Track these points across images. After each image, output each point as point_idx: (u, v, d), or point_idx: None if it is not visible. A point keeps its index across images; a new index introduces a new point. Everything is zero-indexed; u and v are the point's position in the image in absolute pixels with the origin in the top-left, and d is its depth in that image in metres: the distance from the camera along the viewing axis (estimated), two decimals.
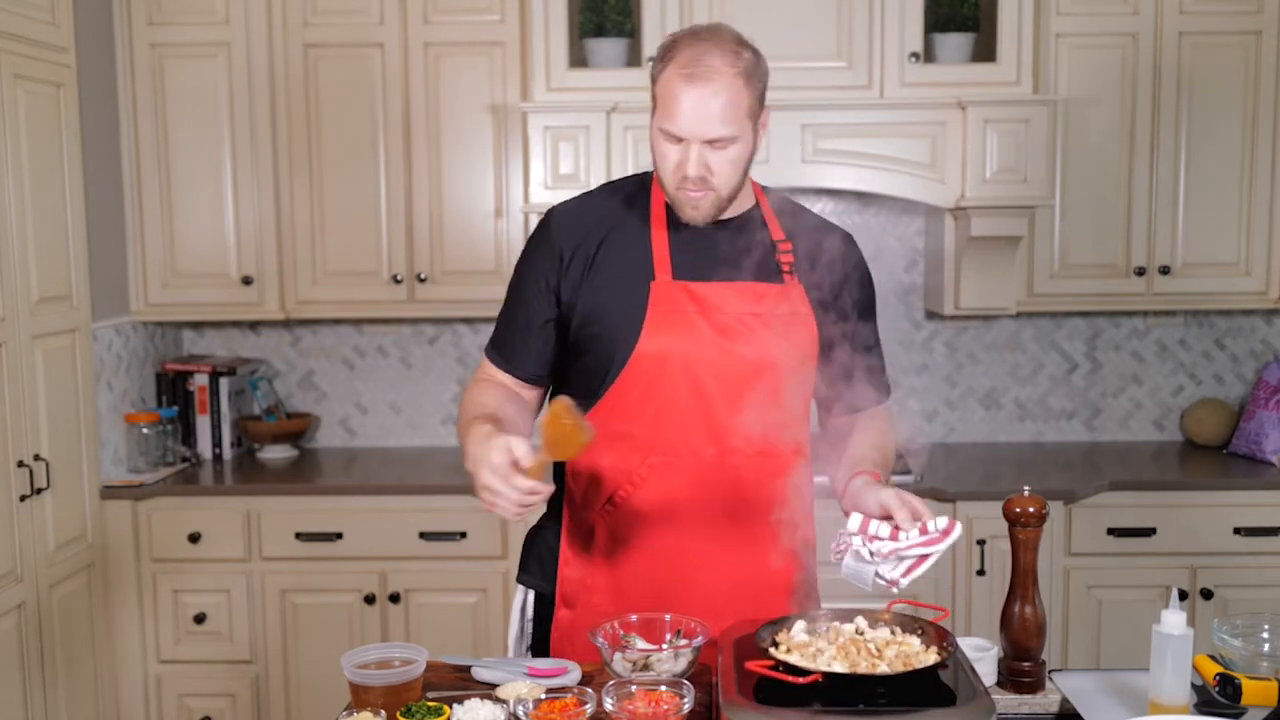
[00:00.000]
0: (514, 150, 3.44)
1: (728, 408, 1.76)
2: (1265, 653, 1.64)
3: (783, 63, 3.25)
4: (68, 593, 3.10)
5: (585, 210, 1.87)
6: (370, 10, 3.42)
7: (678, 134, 1.71)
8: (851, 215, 3.76)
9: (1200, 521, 3.25)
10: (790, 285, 1.82)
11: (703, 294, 1.78)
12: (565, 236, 1.83)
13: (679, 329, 1.76)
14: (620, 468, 1.79)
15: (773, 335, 1.78)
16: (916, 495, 1.66)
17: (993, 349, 3.80)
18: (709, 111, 1.69)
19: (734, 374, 1.76)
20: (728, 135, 1.72)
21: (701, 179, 1.73)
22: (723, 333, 1.77)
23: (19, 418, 2.90)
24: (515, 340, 1.87)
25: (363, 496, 3.32)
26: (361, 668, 1.59)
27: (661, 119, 1.73)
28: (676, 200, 1.77)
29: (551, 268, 1.82)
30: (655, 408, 1.76)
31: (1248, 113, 3.39)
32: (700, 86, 1.69)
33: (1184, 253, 3.45)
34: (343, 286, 3.52)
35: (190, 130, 3.46)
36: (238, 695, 3.37)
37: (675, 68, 1.71)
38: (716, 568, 1.82)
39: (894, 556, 1.59)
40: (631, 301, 1.77)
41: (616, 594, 1.84)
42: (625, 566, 1.83)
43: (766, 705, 1.40)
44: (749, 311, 1.78)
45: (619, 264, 1.80)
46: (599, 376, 1.79)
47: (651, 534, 1.81)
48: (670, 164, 1.74)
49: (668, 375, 1.76)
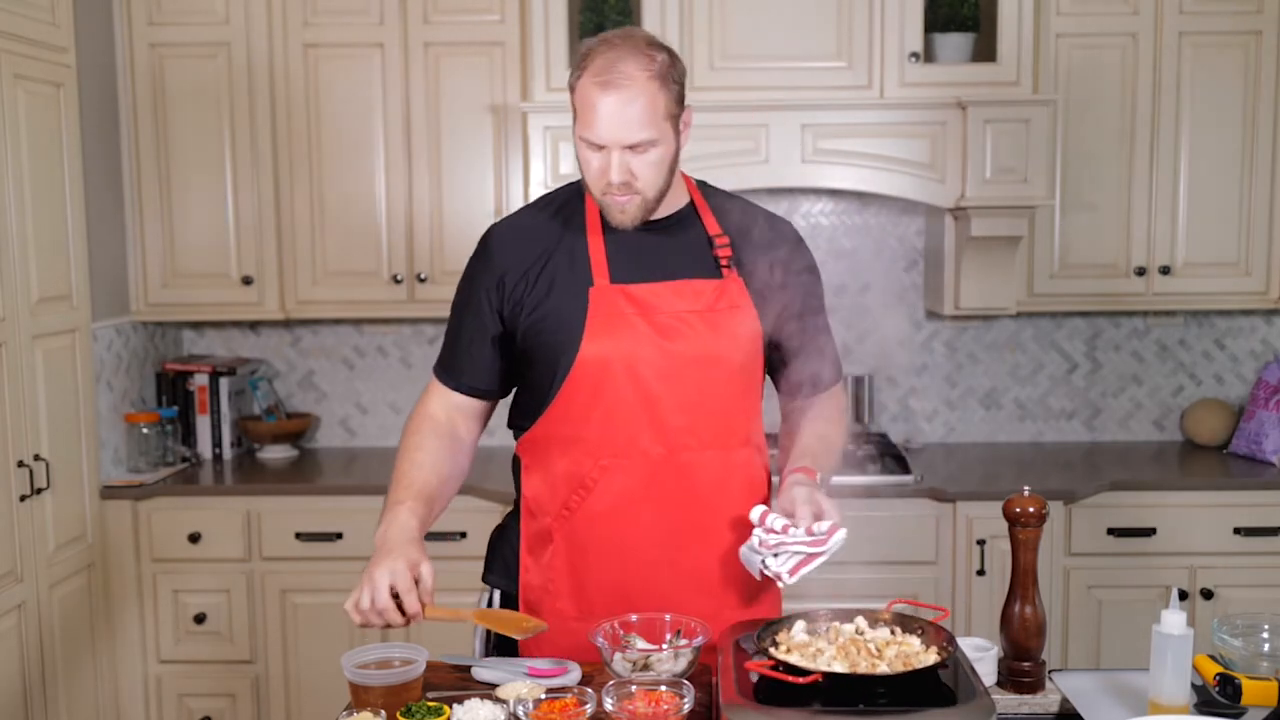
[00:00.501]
0: (514, 150, 3.44)
1: (673, 406, 1.79)
2: (1265, 653, 1.64)
3: (783, 63, 3.28)
4: (68, 593, 3.10)
5: (522, 226, 1.91)
6: (370, 10, 3.42)
7: (597, 142, 1.74)
8: (851, 215, 3.76)
9: (1200, 521, 3.25)
10: (729, 279, 1.84)
11: (641, 296, 1.80)
12: (504, 254, 1.86)
13: (619, 332, 1.79)
14: (573, 472, 1.82)
15: (714, 331, 1.81)
16: (828, 498, 1.71)
17: (993, 349, 3.80)
18: (625, 118, 1.72)
19: (677, 372, 1.79)
20: (646, 139, 1.74)
21: (625, 184, 1.76)
22: (663, 332, 1.79)
23: (19, 418, 2.90)
24: (461, 357, 1.91)
25: (363, 496, 3.32)
26: (361, 668, 1.59)
27: (581, 128, 1.76)
28: (604, 205, 1.80)
29: (493, 284, 1.85)
30: (602, 411, 1.79)
31: (1247, 113, 3.39)
32: (615, 93, 1.72)
33: (1184, 253, 3.45)
34: (343, 286, 3.52)
35: (190, 130, 3.46)
36: (238, 695, 3.37)
37: (589, 76, 1.74)
38: (675, 566, 1.83)
39: (782, 550, 1.66)
40: (572, 309, 1.80)
41: (578, 598, 1.85)
42: (585, 570, 1.85)
43: (766, 705, 1.40)
44: (688, 309, 1.80)
45: (559, 274, 1.83)
46: (546, 384, 1.83)
47: (608, 536, 1.82)
48: (594, 171, 1.78)
49: (611, 378, 1.78)
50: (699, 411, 1.80)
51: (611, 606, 1.81)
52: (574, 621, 1.84)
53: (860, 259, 3.77)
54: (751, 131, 3.24)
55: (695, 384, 1.79)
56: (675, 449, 1.80)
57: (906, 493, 3.20)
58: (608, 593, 1.84)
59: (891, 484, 3.23)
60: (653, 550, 1.82)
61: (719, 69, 3.27)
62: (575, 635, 1.82)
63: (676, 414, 1.79)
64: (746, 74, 3.26)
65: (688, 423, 1.80)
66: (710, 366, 1.80)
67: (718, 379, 1.81)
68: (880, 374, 3.79)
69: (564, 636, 1.85)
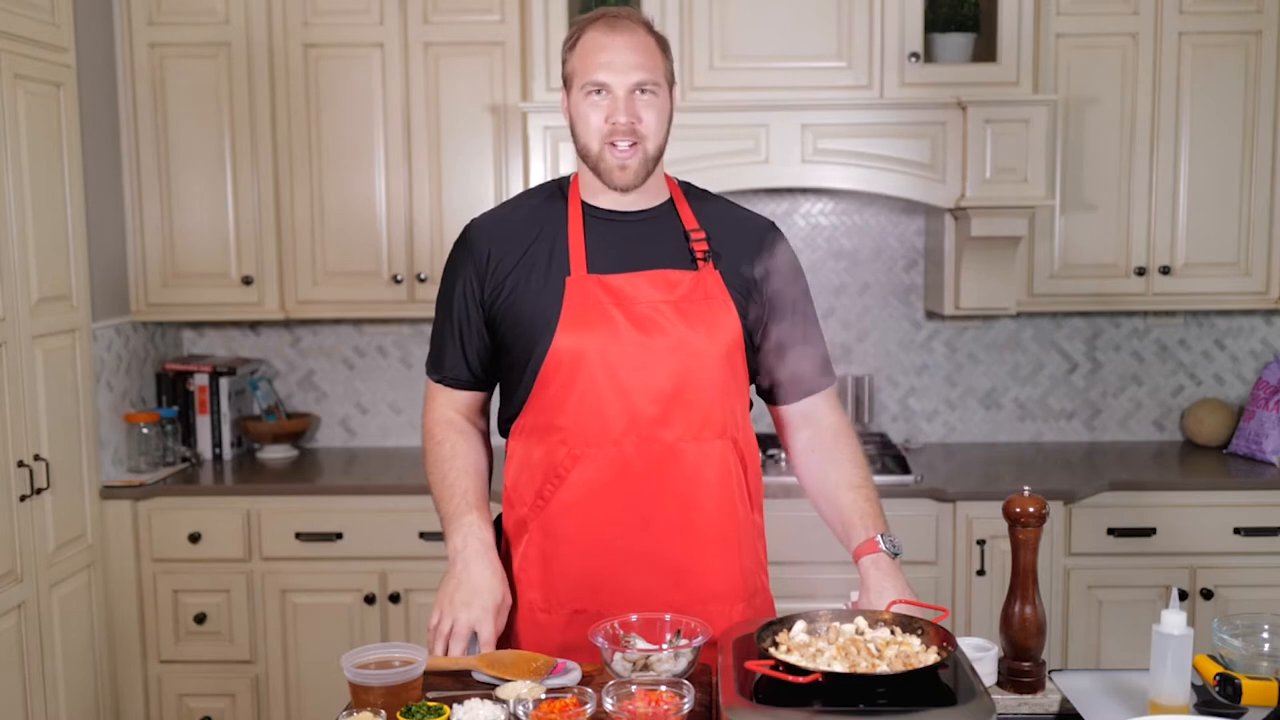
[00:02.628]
0: (514, 150, 3.44)
1: (647, 396, 1.79)
2: (1265, 653, 1.63)
3: (783, 63, 3.28)
4: (68, 593, 3.10)
5: (501, 219, 1.92)
6: (370, 10, 3.42)
7: (603, 80, 1.77)
8: (851, 215, 3.76)
9: (1200, 521, 3.25)
10: (705, 271, 1.84)
11: (617, 286, 1.81)
12: (484, 245, 1.88)
13: (593, 322, 1.79)
14: (547, 462, 1.83)
15: (689, 322, 1.81)
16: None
17: (993, 349, 3.80)
18: (633, 58, 1.78)
19: (651, 363, 1.79)
20: (652, 80, 1.79)
21: (630, 128, 1.78)
22: (637, 323, 1.79)
23: (19, 418, 2.90)
24: (449, 352, 1.91)
25: (363, 496, 3.32)
26: (361, 668, 1.59)
27: (584, 75, 1.79)
28: (605, 163, 1.81)
29: (475, 275, 1.87)
30: (575, 400, 1.79)
31: (1248, 113, 3.39)
32: (623, 35, 1.79)
33: (1184, 253, 3.45)
34: (343, 286, 3.52)
35: (190, 130, 3.46)
36: (238, 695, 3.37)
37: (592, 31, 1.80)
38: (646, 558, 1.82)
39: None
40: (549, 299, 1.81)
41: (546, 589, 1.85)
42: (554, 561, 1.85)
43: (766, 705, 1.40)
44: (663, 299, 1.81)
45: (537, 264, 1.84)
46: (521, 373, 1.84)
47: (580, 526, 1.82)
48: (597, 119, 1.79)
49: (585, 368, 1.78)
50: (673, 402, 1.79)
51: (579, 597, 1.82)
52: (541, 613, 1.85)
53: (860, 259, 3.77)
54: (751, 131, 3.24)
55: (669, 374, 1.79)
56: (648, 439, 1.79)
57: (906, 493, 3.20)
58: (575, 583, 1.83)
59: (891, 484, 3.23)
60: (624, 541, 1.82)
61: (719, 69, 3.27)
62: (544, 629, 1.84)
63: (650, 404, 1.79)
64: (746, 74, 3.26)
65: (661, 413, 1.79)
66: (685, 357, 1.80)
67: (692, 370, 1.80)
68: (880, 373, 3.80)
69: (532, 629, 1.85)
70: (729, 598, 1.86)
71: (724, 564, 1.86)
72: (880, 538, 1.80)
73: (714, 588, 1.85)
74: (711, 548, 1.85)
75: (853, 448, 1.94)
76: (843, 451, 1.92)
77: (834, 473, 1.90)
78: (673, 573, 1.83)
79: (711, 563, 1.85)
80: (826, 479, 1.91)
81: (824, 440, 1.93)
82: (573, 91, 1.82)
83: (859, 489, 1.88)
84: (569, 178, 1.93)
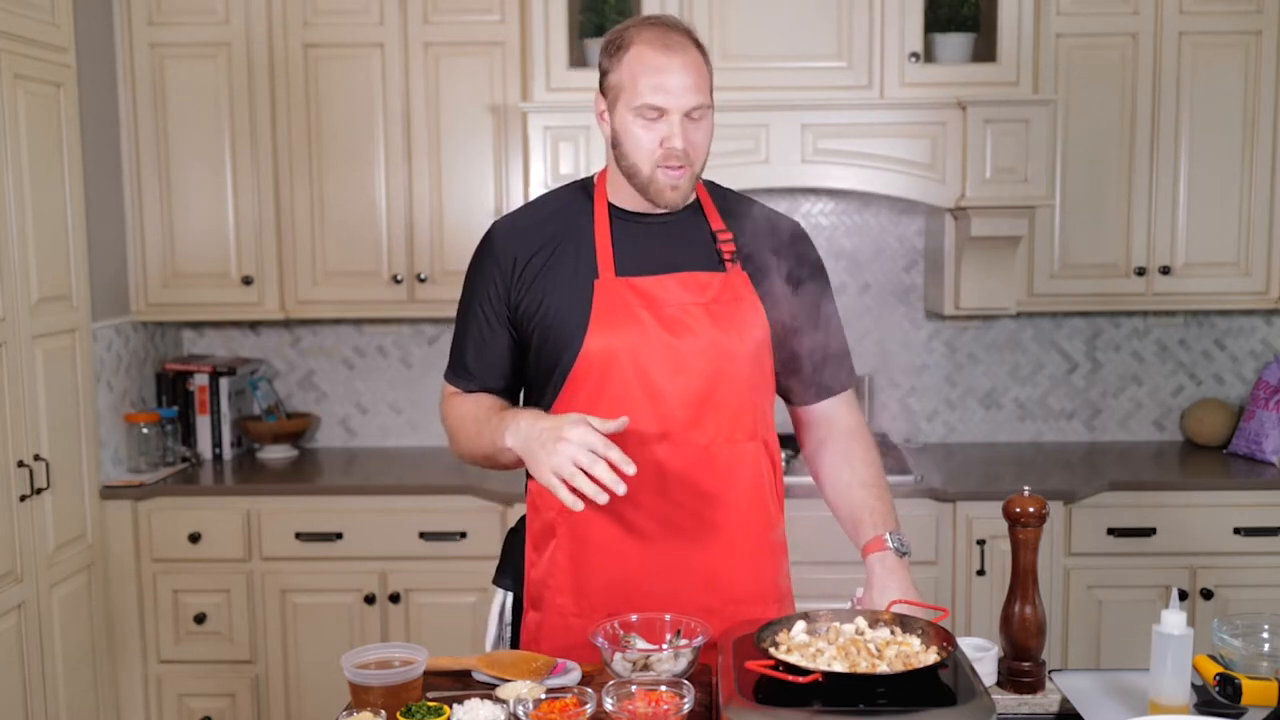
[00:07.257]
0: (514, 150, 3.44)
1: (678, 400, 1.78)
2: (1265, 653, 1.63)
3: (783, 63, 3.28)
4: (68, 593, 3.10)
5: (526, 220, 1.89)
6: (370, 10, 3.42)
7: (662, 105, 1.73)
8: (851, 215, 3.76)
9: (1200, 521, 3.25)
10: (732, 273, 1.83)
11: (646, 288, 1.79)
12: (508, 248, 1.85)
13: (624, 324, 1.77)
14: None
15: (718, 324, 1.79)
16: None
17: (993, 349, 3.80)
18: (688, 79, 1.74)
19: (682, 365, 1.78)
20: (706, 104, 1.77)
21: (685, 151, 1.75)
22: (668, 325, 1.78)
23: (19, 418, 2.90)
24: (472, 359, 1.89)
25: (363, 496, 3.32)
26: (361, 668, 1.59)
27: (638, 97, 1.73)
28: (656, 183, 1.78)
29: (499, 279, 1.84)
30: (606, 404, 1.76)
31: (1247, 113, 3.39)
32: (679, 56, 1.73)
33: (1184, 253, 3.45)
34: (343, 286, 3.52)
35: (190, 130, 3.46)
36: (238, 695, 3.37)
37: (645, 47, 1.74)
38: (676, 563, 1.81)
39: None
40: (578, 301, 1.79)
41: (578, 594, 1.84)
42: (585, 566, 1.83)
43: (766, 705, 1.40)
44: (693, 301, 1.79)
45: (564, 266, 1.82)
46: (550, 376, 1.82)
47: (609, 532, 1.81)
48: (651, 142, 1.75)
49: (616, 371, 1.77)
50: (705, 405, 1.78)
51: (612, 602, 1.80)
52: (574, 618, 1.84)
53: (860, 259, 3.77)
54: (752, 131, 3.24)
55: (700, 377, 1.78)
56: (680, 442, 1.78)
57: (906, 493, 3.20)
58: (608, 588, 1.82)
59: (891, 484, 3.21)
60: (655, 545, 1.81)
61: (719, 69, 3.21)
62: (574, 632, 1.82)
63: (681, 407, 1.78)
64: (747, 74, 3.26)
65: (692, 416, 1.78)
66: (715, 359, 1.78)
67: (724, 372, 1.79)
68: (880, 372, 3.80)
69: (563, 633, 1.84)
70: (762, 600, 1.86)
71: (756, 566, 1.86)
72: (888, 536, 1.80)
73: (747, 590, 1.85)
74: (745, 549, 1.84)
75: (867, 447, 1.93)
76: (857, 451, 1.92)
77: (847, 471, 1.90)
78: (706, 575, 1.82)
79: (744, 565, 1.84)
80: (840, 477, 1.91)
81: (840, 440, 1.93)
82: (619, 107, 1.76)
83: (871, 487, 1.88)
84: (593, 178, 1.90)
